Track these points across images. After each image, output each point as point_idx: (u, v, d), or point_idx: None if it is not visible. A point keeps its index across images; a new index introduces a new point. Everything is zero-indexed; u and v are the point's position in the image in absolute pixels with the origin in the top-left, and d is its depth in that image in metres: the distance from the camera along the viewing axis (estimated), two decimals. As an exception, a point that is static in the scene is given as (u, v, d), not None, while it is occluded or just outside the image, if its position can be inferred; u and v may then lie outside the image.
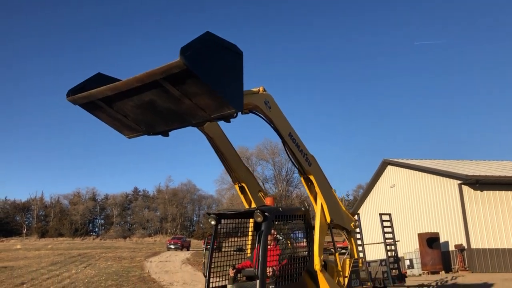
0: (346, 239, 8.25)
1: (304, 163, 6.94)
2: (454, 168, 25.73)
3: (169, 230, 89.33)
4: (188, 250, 50.80)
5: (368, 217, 27.73)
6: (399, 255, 26.64)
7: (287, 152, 6.93)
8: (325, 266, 7.10)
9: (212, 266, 6.62)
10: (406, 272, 24.62)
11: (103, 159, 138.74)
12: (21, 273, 26.40)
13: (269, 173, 73.14)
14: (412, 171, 28.45)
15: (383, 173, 32.30)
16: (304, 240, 7.00)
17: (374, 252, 22.87)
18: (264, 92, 6.41)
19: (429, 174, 26.46)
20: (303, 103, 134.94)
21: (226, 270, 6.69)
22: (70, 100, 5.06)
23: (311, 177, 7.06)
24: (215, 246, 7.46)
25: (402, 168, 29.75)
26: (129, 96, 4.87)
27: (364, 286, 13.15)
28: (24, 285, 20.91)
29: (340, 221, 7.73)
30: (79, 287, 19.45)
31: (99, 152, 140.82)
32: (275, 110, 6.54)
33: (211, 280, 6.46)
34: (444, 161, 31.20)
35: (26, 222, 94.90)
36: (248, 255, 7.20)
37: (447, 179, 24.41)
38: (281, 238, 7.15)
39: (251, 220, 6.77)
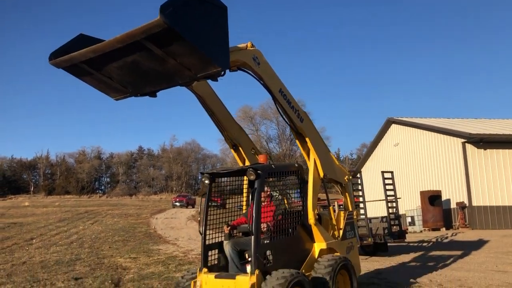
0: (341, 193, 8.34)
1: (295, 119, 6.89)
2: (458, 127, 25.67)
3: (174, 188, 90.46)
4: (193, 207, 51.60)
5: (371, 176, 27.89)
6: (401, 213, 27.07)
7: (278, 109, 6.85)
8: (319, 219, 7.22)
9: (209, 223, 6.72)
10: (407, 229, 25.05)
11: (107, 118, 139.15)
12: (30, 229, 27.04)
13: (273, 133, 73.06)
14: (416, 129, 28.42)
15: (387, 131, 32.27)
16: (299, 196, 7.07)
17: (377, 209, 23.18)
18: (252, 48, 6.22)
19: (433, 133, 26.44)
20: (305, 60, 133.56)
21: (223, 227, 6.80)
22: (52, 63, 4.96)
23: (303, 133, 7.04)
24: (218, 203, 7.59)
25: (406, 127, 29.70)
26: (112, 57, 4.77)
27: (364, 241, 13.49)
28: (33, 240, 21.43)
29: (334, 176, 7.78)
30: (86, 242, 19.91)
31: (103, 110, 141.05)
32: (264, 66, 6.37)
33: (208, 237, 6.57)
34: (448, 120, 31.09)
35: (33, 180, 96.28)
36: (244, 212, 7.30)
37: (451, 137, 24.40)
38: (275, 194, 7.20)
39: (246, 178, 6.81)
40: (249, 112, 70.17)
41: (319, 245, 6.88)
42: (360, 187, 14.33)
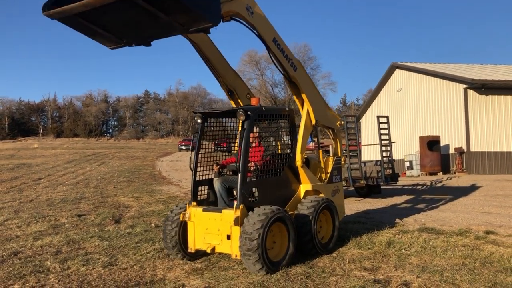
0: (332, 138, 8.58)
1: (289, 68, 6.99)
2: (460, 72, 25.49)
3: (180, 132, 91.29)
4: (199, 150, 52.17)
5: (374, 120, 28.04)
6: (400, 157, 27.49)
7: (271, 58, 6.90)
8: (307, 163, 7.55)
9: (203, 161, 7.06)
10: (405, 174, 25.54)
11: (113, 62, 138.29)
12: (39, 170, 27.88)
13: (278, 77, 72.48)
14: (419, 75, 28.25)
15: (391, 77, 32.10)
16: (288, 139, 7.33)
17: (377, 153, 23.53)
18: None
19: (435, 78, 26.31)
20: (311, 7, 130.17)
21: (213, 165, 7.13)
22: (46, 15, 4.99)
23: (296, 82, 7.18)
24: (224, 147, 7.89)
25: (409, 72, 29.49)
26: (105, 11, 4.83)
27: (357, 183, 13.92)
28: (41, 180, 22.18)
29: (326, 122, 8.02)
30: (92, 183, 20.60)
31: (108, 54, 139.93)
32: (257, 16, 6.34)
33: (199, 174, 6.92)
34: (451, 65, 30.78)
35: (42, 123, 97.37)
36: (235, 152, 7.59)
37: (453, 83, 24.31)
38: (264, 136, 7.42)
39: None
40: (255, 56, 69.50)
41: (304, 186, 7.20)
42: (353, 131, 14.59)
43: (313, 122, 7.50)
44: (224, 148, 8.18)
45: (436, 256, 6.51)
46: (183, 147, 51.94)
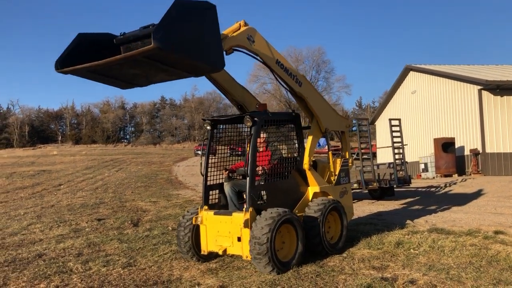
0: (340, 140, 8.78)
1: (294, 85, 7.18)
2: (475, 74, 25.40)
3: (196, 138, 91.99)
4: (214, 155, 52.59)
5: (388, 123, 28.09)
6: (416, 159, 27.47)
7: (276, 79, 7.11)
8: (315, 166, 7.80)
9: (215, 167, 7.33)
10: (420, 176, 25.54)
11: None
12: (58, 176, 28.51)
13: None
14: (433, 76, 28.21)
15: (405, 79, 32.08)
16: (295, 142, 7.55)
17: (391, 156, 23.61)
18: (245, 27, 6.30)
19: (449, 80, 26.26)
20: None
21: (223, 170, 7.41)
22: (59, 72, 5.34)
23: (302, 96, 7.37)
24: (239, 152, 8.15)
25: (423, 74, 29.46)
26: (111, 68, 5.19)
27: (370, 186, 14.08)
28: (61, 186, 22.74)
29: (334, 127, 8.30)
30: (110, 188, 21.07)
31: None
32: (259, 42, 6.49)
33: (210, 178, 7.17)
34: (466, 66, 30.66)
35: (60, 130, 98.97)
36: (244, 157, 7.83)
37: (467, 84, 24.25)
38: (272, 141, 7.58)
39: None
40: (269, 60, 69.53)
41: (312, 188, 7.43)
42: (365, 134, 14.77)
43: (322, 130, 7.77)
44: (239, 153, 8.42)
45: (444, 255, 6.68)
46: (199, 152, 52.33)
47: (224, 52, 5.63)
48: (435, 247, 7.17)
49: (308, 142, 7.49)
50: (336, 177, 8.10)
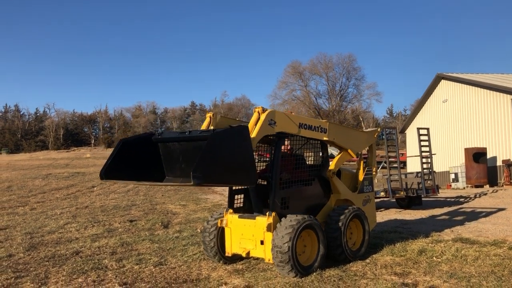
0: (368, 151, 8.93)
1: (321, 136, 7.40)
2: (507, 83, 25.02)
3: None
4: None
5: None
6: (447, 169, 27.15)
7: (303, 138, 7.35)
8: (338, 173, 7.96)
9: None
10: (450, 186, 25.23)
11: (161, 73, 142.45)
12: (92, 178, 29.36)
13: (322, 88, 72.37)
14: (464, 85, 27.89)
15: (436, 87, 31.76)
16: (320, 151, 7.72)
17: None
18: (264, 115, 6.35)
19: (481, 89, 25.93)
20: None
21: None
22: (103, 180, 6.12)
23: (329, 139, 7.58)
24: (267, 158, 8.37)
25: (455, 83, 29.15)
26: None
27: (397, 195, 14.11)
28: (95, 188, 23.48)
29: (364, 147, 8.60)
30: (141, 191, 21.65)
31: (156, 66, 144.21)
32: (280, 121, 6.56)
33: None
34: (498, 75, 30.19)
35: (93, 133, 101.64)
36: None
37: (500, 93, 23.93)
38: (296, 148, 7.72)
39: None
40: (298, 67, 69.68)
41: (335, 196, 7.65)
42: (393, 143, 14.82)
43: (354, 156, 8.03)
44: (267, 159, 8.66)
45: (466, 264, 6.77)
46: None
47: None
48: (458, 255, 7.25)
49: (336, 160, 7.78)
50: (359, 185, 8.26)
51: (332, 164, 7.65)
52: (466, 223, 11.36)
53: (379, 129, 9.39)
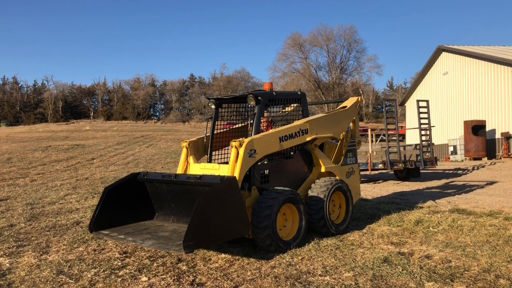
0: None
1: (302, 138, 6.95)
2: (509, 55, 24.83)
3: (224, 116, 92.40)
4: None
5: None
6: (445, 142, 27.22)
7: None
8: (321, 145, 7.70)
9: (215, 145, 7.35)
10: (448, 158, 25.34)
11: (159, 46, 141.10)
12: (91, 151, 29.43)
13: (322, 60, 71.76)
14: (465, 58, 27.69)
15: (437, 60, 31.54)
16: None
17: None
18: (242, 148, 5.98)
19: (482, 61, 25.76)
20: None
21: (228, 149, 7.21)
22: (93, 233, 6.01)
23: (313, 136, 7.14)
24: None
25: (455, 55, 28.93)
26: None
27: (395, 166, 14.19)
28: (94, 160, 23.57)
29: (346, 126, 8.09)
30: (141, 163, 21.75)
31: (155, 38, 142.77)
32: (259, 148, 6.21)
33: (215, 157, 7.30)
34: (500, 47, 29.94)
35: (92, 106, 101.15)
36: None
37: (501, 66, 23.78)
38: (276, 120, 7.47)
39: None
40: (298, 39, 68.72)
41: (317, 168, 7.39)
42: (392, 115, 14.80)
43: (339, 138, 7.92)
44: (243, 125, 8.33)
45: (462, 234, 6.86)
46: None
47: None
48: (454, 226, 7.35)
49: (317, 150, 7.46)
50: (342, 157, 7.98)
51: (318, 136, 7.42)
52: (463, 195, 11.46)
53: (359, 98, 8.64)
